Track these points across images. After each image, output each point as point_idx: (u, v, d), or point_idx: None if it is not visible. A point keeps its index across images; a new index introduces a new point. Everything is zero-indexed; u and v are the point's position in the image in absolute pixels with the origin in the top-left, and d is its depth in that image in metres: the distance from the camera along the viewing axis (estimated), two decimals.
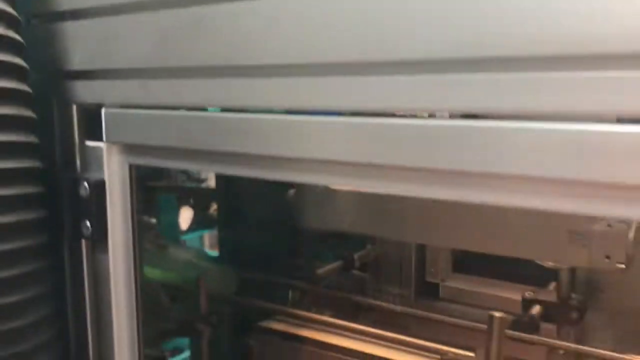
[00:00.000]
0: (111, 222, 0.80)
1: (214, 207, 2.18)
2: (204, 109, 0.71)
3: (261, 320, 1.37)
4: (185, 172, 2.31)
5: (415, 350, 1.16)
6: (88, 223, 0.80)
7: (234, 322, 1.62)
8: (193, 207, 2.39)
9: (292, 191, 1.43)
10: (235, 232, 1.68)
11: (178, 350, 2.07)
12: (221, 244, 1.76)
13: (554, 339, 1.17)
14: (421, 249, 1.66)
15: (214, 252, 1.91)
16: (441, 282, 1.63)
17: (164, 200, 2.26)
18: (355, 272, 1.59)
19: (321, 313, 1.39)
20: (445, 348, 1.06)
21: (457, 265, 1.64)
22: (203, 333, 1.17)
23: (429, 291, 1.65)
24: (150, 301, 1.25)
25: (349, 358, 1.20)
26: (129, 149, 0.79)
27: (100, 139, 0.80)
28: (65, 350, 0.87)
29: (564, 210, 0.48)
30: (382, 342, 1.24)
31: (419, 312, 1.36)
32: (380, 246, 1.67)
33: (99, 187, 0.79)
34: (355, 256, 1.61)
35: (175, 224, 2.24)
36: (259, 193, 1.58)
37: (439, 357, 1.09)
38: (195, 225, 2.31)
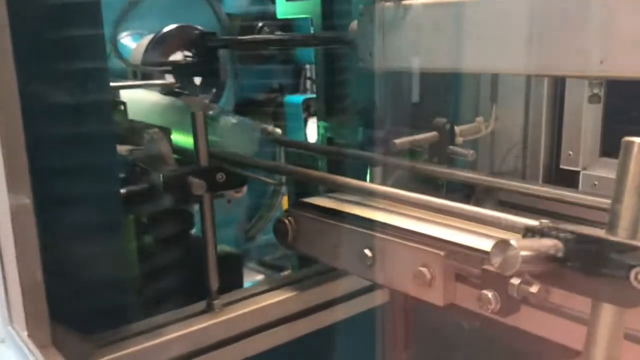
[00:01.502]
0: None
1: None
2: None
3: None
4: None
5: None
6: None
7: None
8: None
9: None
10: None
11: None
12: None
13: None
14: (556, 124, 1.17)
15: None
16: (582, 170, 1.14)
17: (290, 110, 2.03)
18: (457, 149, 1.14)
19: None
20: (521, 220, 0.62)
21: (608, 147, 1.13)
22: (197, 190, 0.83)
23: (563, 182, 1.17)
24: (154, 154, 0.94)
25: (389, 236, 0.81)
26: None
27: None
28: None
29: None
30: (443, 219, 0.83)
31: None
32: (498, 119, 1.20)
33: None
34: (458, 129, 1.16)
35: (301, 135, 2.03)
36: None
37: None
38: None
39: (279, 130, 2.20)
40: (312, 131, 2.07)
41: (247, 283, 2.12)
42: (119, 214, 0.83)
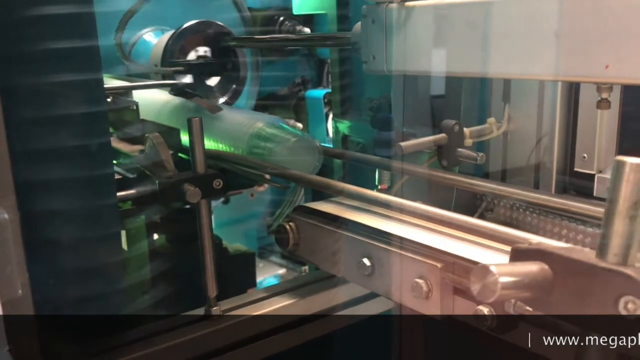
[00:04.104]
0: None
1: None
2: None
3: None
4: None
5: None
6: None
7: None
8: None
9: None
10: None
11: None
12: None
13: None
14: (571, 125, 1.13)
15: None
16: (597, 174, 1.10)
17: (312, 104, 2.01)
18: (466, 151, 1.10)
19: None
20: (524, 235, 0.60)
21: (624, 149, 1.08)
22: (192, 198, 0.82)
23: (577, 186, 1.13)
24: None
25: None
26: None
27: None
28: None
29: None
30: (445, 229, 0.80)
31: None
32: (511, 120, 1.17)
33: None
34: (467, 131, 1.12)
35: (322, 129, 2.01)
36: None
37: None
38: None
39: (300, 125, 2.18)
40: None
41: (268, 277, 2.12)
42: (116, 226, 0.82)
